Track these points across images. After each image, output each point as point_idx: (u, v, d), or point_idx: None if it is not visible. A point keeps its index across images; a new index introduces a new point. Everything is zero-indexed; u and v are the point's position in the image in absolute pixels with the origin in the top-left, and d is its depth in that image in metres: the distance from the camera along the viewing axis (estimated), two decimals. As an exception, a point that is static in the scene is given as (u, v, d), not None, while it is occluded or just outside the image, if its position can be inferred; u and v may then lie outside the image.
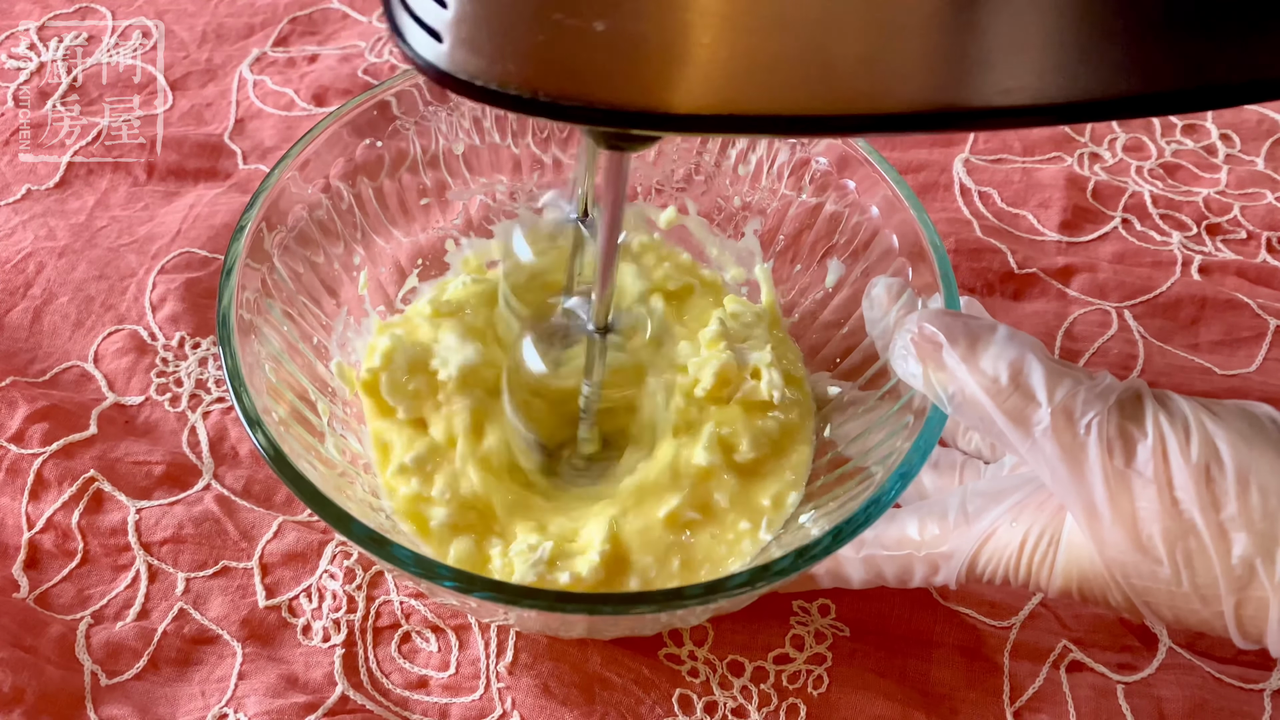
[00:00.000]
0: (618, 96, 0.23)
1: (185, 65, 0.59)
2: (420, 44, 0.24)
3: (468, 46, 0.23)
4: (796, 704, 0.39)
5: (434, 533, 0.39)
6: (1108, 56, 0.22)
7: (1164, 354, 0.49)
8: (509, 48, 0.23)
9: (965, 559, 0.35)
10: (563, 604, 0.32)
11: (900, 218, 0.40)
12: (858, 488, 0.37)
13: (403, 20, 0.24)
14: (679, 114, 0.23)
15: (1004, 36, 0.22)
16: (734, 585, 0.32)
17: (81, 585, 0.42)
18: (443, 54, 0.23)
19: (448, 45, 0.23)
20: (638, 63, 0.22)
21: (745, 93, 0.23)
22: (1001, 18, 0.21)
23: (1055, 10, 0.21)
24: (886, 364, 0.38)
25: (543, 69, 0.23)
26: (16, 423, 0.45)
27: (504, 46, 0.23)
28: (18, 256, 0.51)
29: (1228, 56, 0.22)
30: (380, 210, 0.45)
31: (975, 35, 0.22)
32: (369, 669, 0.40)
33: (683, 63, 0.22)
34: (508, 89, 0.23)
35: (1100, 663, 0.40)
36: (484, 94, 0.23)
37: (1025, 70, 0.22)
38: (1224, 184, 0.55)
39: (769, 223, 0.46)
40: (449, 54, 0.23)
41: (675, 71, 0.22)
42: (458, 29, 0.23)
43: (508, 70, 0.23)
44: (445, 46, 0.23)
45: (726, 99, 0.23)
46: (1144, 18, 0.22)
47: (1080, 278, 0.51)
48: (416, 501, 0.40)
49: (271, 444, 0.34)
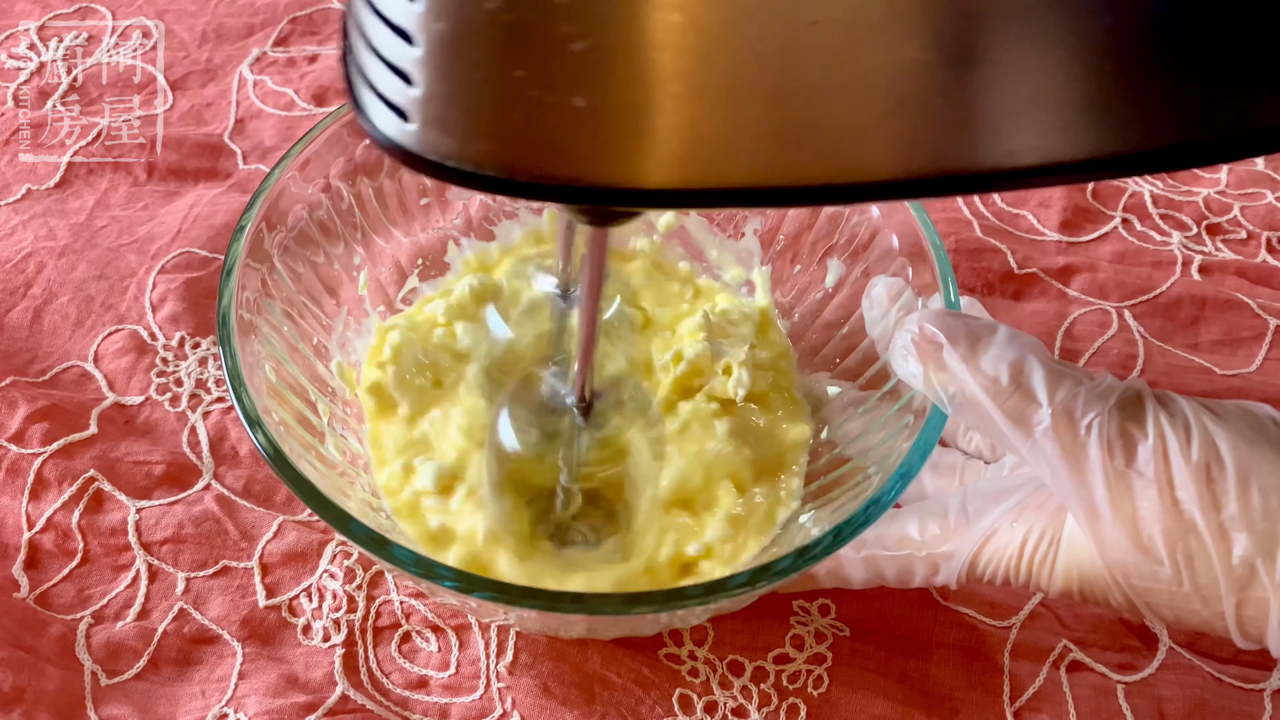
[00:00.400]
0: (600, 174, 0.22)
1: (185, 65, 0.59)
2: (385, 123, 0.22)
3: (438, 126, 0.22)
4: (797, 704, 0.39)
5: (433, 534, 0.40)
6: (1115, 114, 0.22)
7: (1164, 354, 0.49)
8: (483, 127, 0.21)
9: (966, 559, 0.35)
10: (562, 604, 0.32)
11: (900, 217, 0.40)
12: (858, 488, 0.37)
13: (365, 97, 0.23)
14: (664, 190, 0.22)
15: (1001, 100, 0.21)
16: (734, 585, 0.32)
17: (82, 585, 0.42)
18: (411, 134, 0.22)
19: (416, 125, 0.22)
20: (620, 139, 0.21)
21: (735, 165, 0.22)
22: (995, 82, 0.21)
23: (1060, 70, 0.21)
24: (886, 364, 0.38)
25: (521, 148, 0.21)
26: (16, 422, 0.45)
27: (478, 126, 0.21)
28: (18, 256, 0.51)
29: (1233, 107, 0.22)
30: (380, 210, 0.45)
31: (973, 99, 0.21)
32: (369, 669, 0.40)
33: (668, 138, 0.21)
34: (483, 170, 0.22)
35: (1100, 662, 0.40)
36: (456, 175, 0.22)
37: (1030, 131, 0.22)
38: (1224, 184, 0.55)
39: (769, 223, 0.46)
40: (418, 134, 0.22)
41: (660, 147, 0.21)
42: (427, 108, 0.21)
43: (482, 150, 0.22)
44: (413, 126, 0.22)
45: (715, 173, 0.22)
46: (1149, 73, 0.21)
47: (1080, 278, 0.51)
48: (417, 501, 0.40)
49: (271, 444, 0.34)
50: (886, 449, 0.37)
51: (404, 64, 0.21)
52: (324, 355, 0.42)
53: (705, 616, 0.39)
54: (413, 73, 0.21)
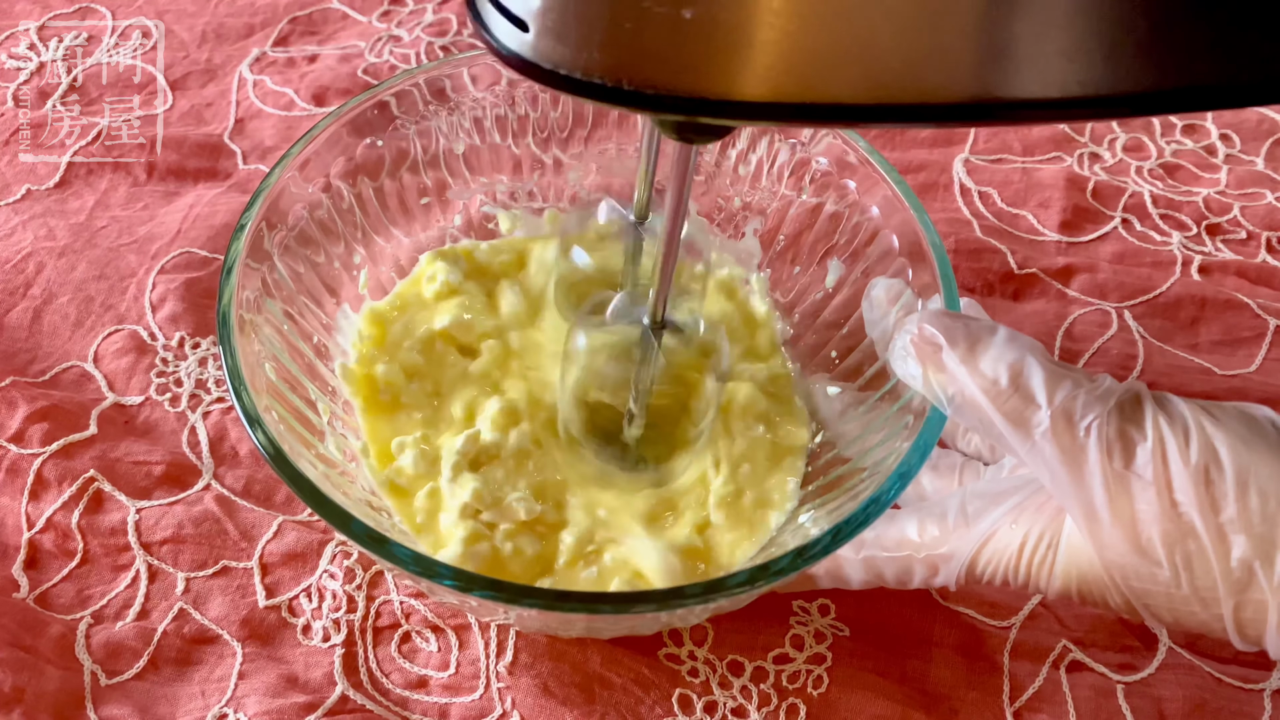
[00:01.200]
0: (703, 85, 0.23)
1: (185, 65, 0.59)
2: (504, 33, 0.24)
3: (553, 35, 0.23)
4: (796, 704, 0.39)
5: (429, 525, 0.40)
6: (1152, 49, 0.22)
7: (1164, 354, 0.49)
8: (596, 36, 0.23)
9: (965, 561, 0.35)
10: (561, 603, 0.32)
11: (900, 218, 0.40)
12: (856, 488, 0.37)
13: (485, 10, 0.24)
14: (761, 102, 0.23)
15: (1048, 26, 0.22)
16: (733, 584, 0.32)
17: (81, 585, 0.42)
18: (527, 43, 0.23)
19: (533, 34, 0.23)
20: (725, 51, 0.22)
21: (820, 81, 0.23)
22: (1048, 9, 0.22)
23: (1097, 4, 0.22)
24: (886, 364, 0.38)
25: (629, 57, 0.23)
26: (16, 423, 0.45)
27: (591, 35, 0.23)
28: (17, 257, 0.51)
29: (1259, 53, 0.22)
30: (380, 210, 0.45)
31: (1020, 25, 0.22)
32: (369, 669, 0.40)
33: (767, 50, 0.22)
34: (592, 78, 0.23)
35: (1100, 662, 0.40)
36: (568, 83, 0.23)
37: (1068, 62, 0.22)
38: (1224, 184, 0.55)
39: (769, 223, 0.46)
40: (534, 43, 0.23)
41: (759, 59, 0.22)
42: (544, 17, 0.23)
43: (593, 59, 0.23)
44: (530, 35, 0.23)
45: (806, 86, 0.23)
46: (1185, 9, 0.22)
47: (1080, 278, 0.51)
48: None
49: (271, 443, 0.34)
50: (885, 449, 0.37)
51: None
52: (324, 355, 0.42)
53: (704, 616, 0.39)
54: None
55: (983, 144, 0.56)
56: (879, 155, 0.41)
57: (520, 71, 0.24)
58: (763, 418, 0.42)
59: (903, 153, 0.56)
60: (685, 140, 0.29)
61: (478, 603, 0.33)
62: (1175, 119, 0.58)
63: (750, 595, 0.35)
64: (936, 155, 0.56)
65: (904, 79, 0.23)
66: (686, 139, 0.29)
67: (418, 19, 0.62)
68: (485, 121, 0.45)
